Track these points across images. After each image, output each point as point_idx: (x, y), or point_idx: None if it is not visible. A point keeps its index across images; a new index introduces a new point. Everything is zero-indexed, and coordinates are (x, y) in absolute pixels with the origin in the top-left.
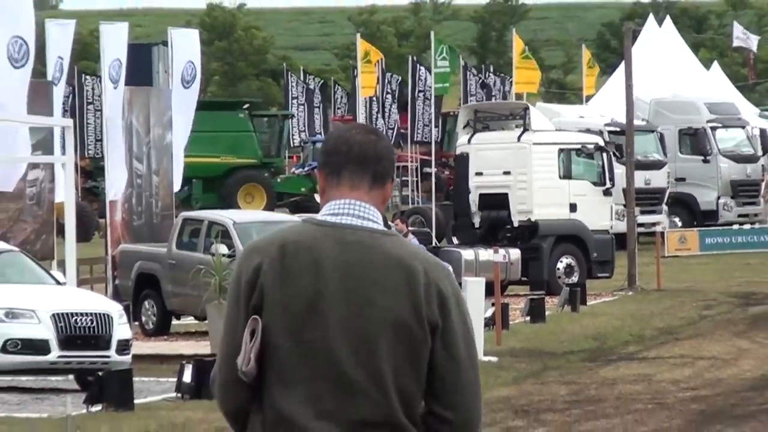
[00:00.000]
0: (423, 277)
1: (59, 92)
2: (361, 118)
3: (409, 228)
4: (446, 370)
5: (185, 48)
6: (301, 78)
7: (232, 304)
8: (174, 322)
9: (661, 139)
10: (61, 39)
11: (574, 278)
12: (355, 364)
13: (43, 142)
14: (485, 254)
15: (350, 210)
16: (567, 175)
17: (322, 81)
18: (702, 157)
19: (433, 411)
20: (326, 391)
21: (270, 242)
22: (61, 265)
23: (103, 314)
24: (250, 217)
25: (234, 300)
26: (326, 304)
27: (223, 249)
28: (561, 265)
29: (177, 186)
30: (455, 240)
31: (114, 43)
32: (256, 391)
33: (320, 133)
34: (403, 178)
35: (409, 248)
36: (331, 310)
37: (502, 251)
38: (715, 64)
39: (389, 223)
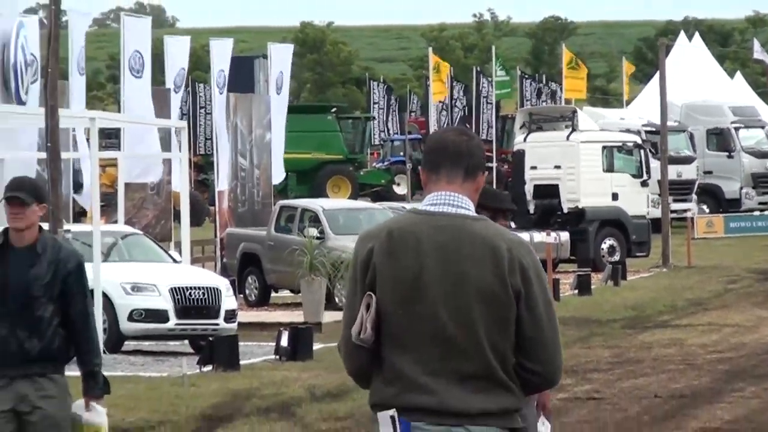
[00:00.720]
0: (506, 252)
1: (177, 98)
2: (432, 120)
3: None
4: (531, 329)
5: (281, 60)
6: (381, 85)
7: (350, 283)
8: (273, 294)
9: (691, 137)
10: (177, 53)
11: (616, 257)
12: (454, 328)
13: (162, 141)
14: (539, 236)
15: (446, 200)
16: (609, 168)
17: (399, 89)
18: (727, 153)
19: (523, 365)
20: (433, 351)
21: (380, 229)
22: (177, 246)
23: (213, 288)
24: (337, 205)
25: (352, 280)
26: (428, 278)
27: (313, 232)
28: (604, 246)
29: (277, 179)
30: (513, 225)
31: (221, 56)
32: (376, 355)
33: (397, 133)
34: None
35: (495, 229)
36: (432, 283)
37: (553, 234)
38: (738, 74)
39: None
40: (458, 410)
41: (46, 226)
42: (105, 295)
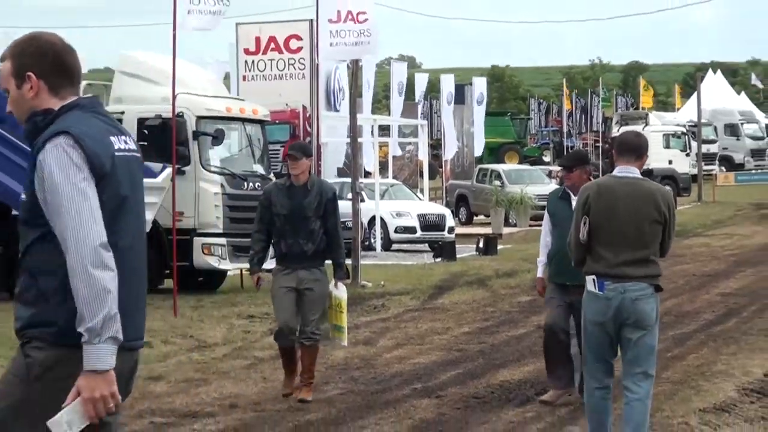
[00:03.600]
0: (660, 197)
1: (420, 107)
2: (564, 120)
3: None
4: (666, 237)
5: (480, 86)
6: (535, 100)
7: (577, 212)
8: (474, 218)
9: (715, 129)
10: (422, 82)
11: None
12: (632, 234)
13: (413, 132)
14: None
15: (627, 171)
16: (666, 146)
17: (546, 102)
18: (736, 137)
19: (658, 252)
20: (620, 245)
21: (593, 183)
22: (422, 192)
23: (441, 214)
24: (510, 167)
25: (579, 210)
26: (619, 209)
27: (497, 183)
28: None
29: (477, 152)
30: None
31: (447, 84)
32: (587, 249)
33: (544, 127)
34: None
35: (652, 184)
36: (622, 212)
37: None
38: (743, 93)
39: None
40: (628, 275)
41: (337, 179)
42: (381, 219)
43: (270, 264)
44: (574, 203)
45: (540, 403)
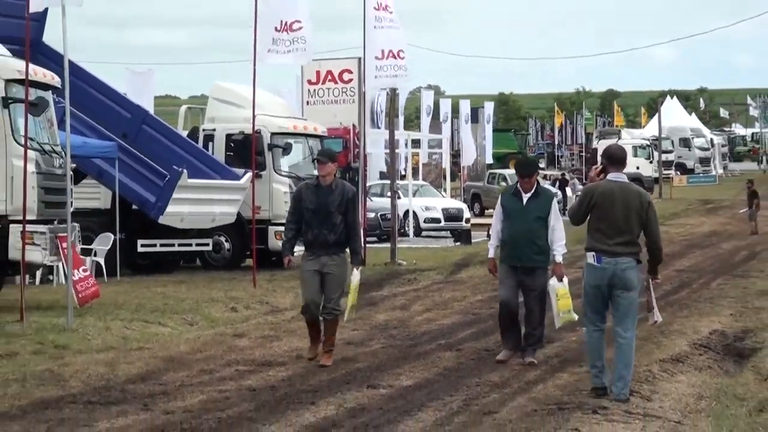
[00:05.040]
0: (642, 196)
1: (444, 125)
2: (556, 135)
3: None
4: (650, 224)
5: (489, 109)
6: (533, 120)
7: (582, 201)
8: (486, 211)
9: (672, 142)
10: (446, 107)
11: None
12: (622, 223)
13: (438, 144)
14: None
15: (618, 177)
16: (635, 155)
17: (541, 122)
18: (688, 148)
19: (640, 236)
20: (613, 230)
21: (596, 185)
22: (445, 191)
23: (459, 208)
24: (513, 172)
25: (585, 200)
26: (615, 204)
27: (503, 183)
28: None
29: (488, 161)
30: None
31: (465, 105)
32: (590, 232)
33: (540, 140)
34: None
35: (637, 187)
36: (617, 206)
37: None
38: (693, 114)
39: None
40: (618, 252)
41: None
42: (413, 212)
43: (299, 248)
44: (524, 200)
45: (496, 362)
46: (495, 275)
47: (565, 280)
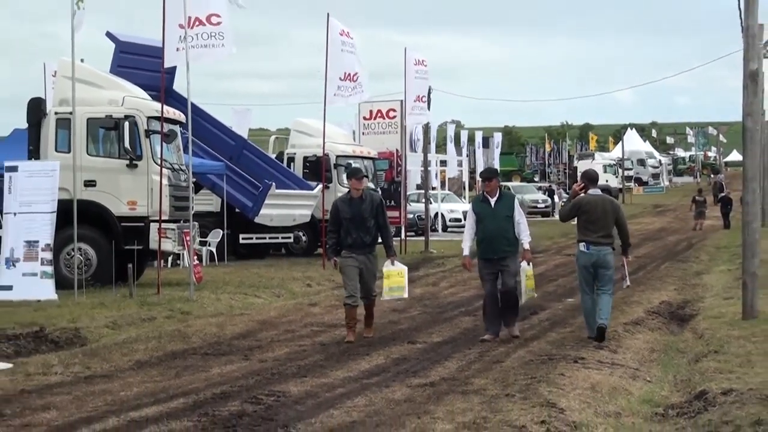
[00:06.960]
0: (614, 204)
1: (463, 150)
2: (546, 158)
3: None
4: (620, 222)
5: (498, 138)
6: (530, 146)
7: (572, 206)
8: None
9: (632, 162)
10: (465, 136)
11: None
12: (602, 221)
13: (460, 164)
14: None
15: (596, 192)
16: (605, 171)
17: (536, 147)
18: (643, 167)
19: (613, 231)
20: (596, 226)
21: (583, 198)
22: (465, 198)
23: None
24: (515, 184)
25: (574, 205)
26: (597, 210)
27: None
28: None
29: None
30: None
31: (479, 137)
32: (580, 228)
33: (534, 161)
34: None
35: (610, 198)
36: (597, 210)
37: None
38: (647, 141)
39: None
40: (601, 242)
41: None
42: (441, 214)
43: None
44: (492, 203)
45: (480, 342)
46: (469, 270)
47: (531, 264)
